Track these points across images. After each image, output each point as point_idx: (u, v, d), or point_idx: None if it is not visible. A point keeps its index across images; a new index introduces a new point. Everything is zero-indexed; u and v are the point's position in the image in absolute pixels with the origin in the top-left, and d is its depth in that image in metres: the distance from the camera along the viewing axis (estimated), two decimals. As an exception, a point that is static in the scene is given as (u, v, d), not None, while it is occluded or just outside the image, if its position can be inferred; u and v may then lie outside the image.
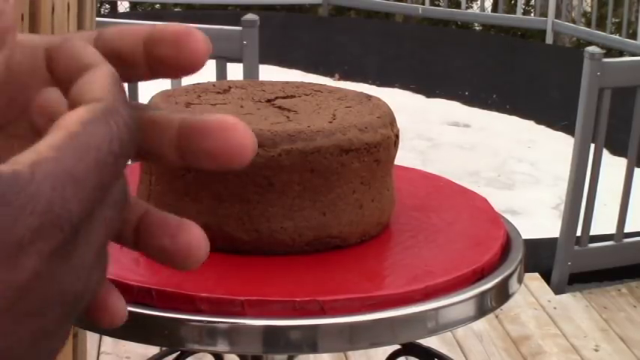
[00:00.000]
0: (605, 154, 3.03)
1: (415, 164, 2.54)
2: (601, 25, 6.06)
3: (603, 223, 3.11)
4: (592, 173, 2.93)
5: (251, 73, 2.57)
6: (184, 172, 0.96)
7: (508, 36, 6.79)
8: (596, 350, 2.59)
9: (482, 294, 0.94)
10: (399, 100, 5.48)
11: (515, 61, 6.00)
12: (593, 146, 2.91)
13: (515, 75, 5.96)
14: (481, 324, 2.65)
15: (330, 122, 0.97)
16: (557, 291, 2.95)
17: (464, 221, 1.08)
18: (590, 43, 3.98)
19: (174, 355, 1.39)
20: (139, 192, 1.03)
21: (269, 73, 5.02)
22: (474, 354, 2.54)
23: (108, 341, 2.45)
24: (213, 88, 1.10)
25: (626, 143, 3.01)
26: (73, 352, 1.81)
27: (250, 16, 2.61)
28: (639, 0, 6.06)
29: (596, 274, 3.06)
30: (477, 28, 7.13)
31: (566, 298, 2.93)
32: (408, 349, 1.32)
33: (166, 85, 2.28)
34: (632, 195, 3.04)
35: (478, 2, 6.90)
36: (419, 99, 6.10)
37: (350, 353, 2.47)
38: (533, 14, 6.83)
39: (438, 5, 6.88)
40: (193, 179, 0.95)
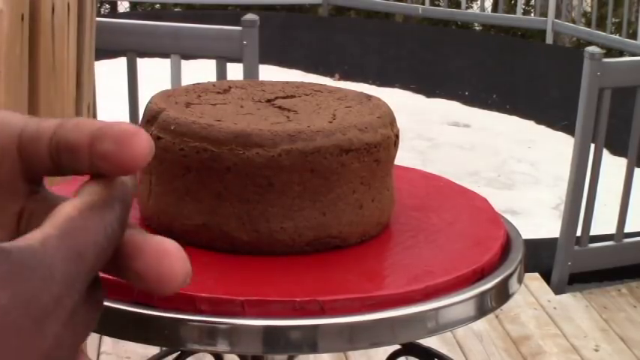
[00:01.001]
0: (605, 154, 3.03)
1: (415, 164, 2.54)
2: (601, 25, 6.06)
3: (603, 223, 3.11)
4: (592, 173, 2.93)
5: (251, 73, 2.57)
6: (184, 172, 0.96)
7: (508, 36, 6.79)
8: (596, 350, 2.59)
9: (482, 294, 0.94)
10: (399, 100, 5.48)
11: (515, 61, 6.00)
12: (593, 146, 2.91)
13: (515, 75, 5.96)
14: (481, 324, 2.65)
15: (330, 122, 0.97)
16: (557, 291, 2.95)
17: (464, 221, 1.08)
18: (590, 43, 3.98)
19: (174, 355, 1.39)
20: (139, 192, 1.03)
21: (269, 73, 5.02)
22: (473, 354, 2.54)
23: (108, 341, 2.45)
24: (213, 88, 1.10)
25: (626, 143, 3.01)
26: (73, 352, 1.81)
27: (250, 16, 2.62)
28: (639, 0, 6.06)
29: (596, 274, 3.06)
30: (477, 28, 7.14)
31: (566, 298, 2.93)
32: (408, 349, 1.32)
33: (166, 85, 2.28)
34: (632, 195, 3.04)
35: (478, 2, 6.91)
36: (419, 99, 6.10)
37: (350, 353, 2.47)
38: (533, 14, 6.83)
39: (438, 5, 6.88)
40: (193, 179, 0.95)
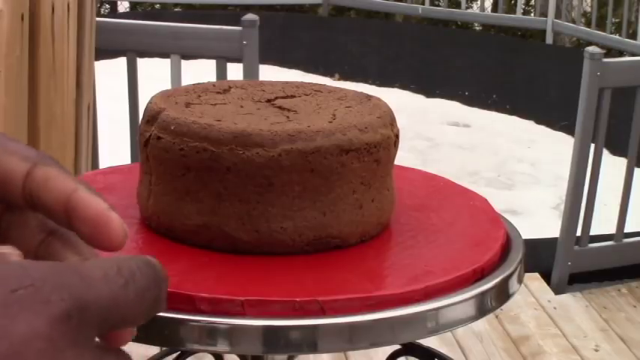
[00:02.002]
0: (605, 154, 3.03)
1: (415, 164, 2.54)
2: (601, 25, 6.06)
3: (603, 223, 3.11)
4: (592, 173, 2.93)
5: (251, 73, 2.57)
6: (184, 171, 0.96)
7: (508, 36, 6.79)
8: (596, 350, 2.59)
9: (482, 294, 0.94)
10: (399, 100, 5.48)
11: (515, 61, 6.00)
12: (593, 146, 2.91)
13: (515, 75, 5.96)
14: (481, 324, 2.65)
15: (330, 122, 0.97)
16: (557, 291, 2.95)
17: (464, 221, 1.08)
18: (590, 43, 3.98)
19: (174, 355, 1.39)
20: (139, 192, 1.03)
21: (269, 73, 5.02)
22: (473, 354, 2.54)
23: (108, 341, 2.45)
24: (213, 88, 1.10)
25: (626, 143, 3.01)
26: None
27: (250, 16, 2.62)
28: (639, 0, 6.06)
29: (596, 274, 3.06)
30: (477, 28, 7.14)
31: (566, 298, 2.93)
32: (408, 349, 1.32)
33: (166, 85, 2.28)
34: (632, 195, 3.04)
35: (478, 2, 6.90)
36: (419, 99, 6.10)
37: (350, 353, 2.47)
38: (533, 14, 6.83)
39: (438, 5, 6.88)
40: (193, 179, 0.95)
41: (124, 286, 0.34)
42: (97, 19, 2.33)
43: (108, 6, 7.45)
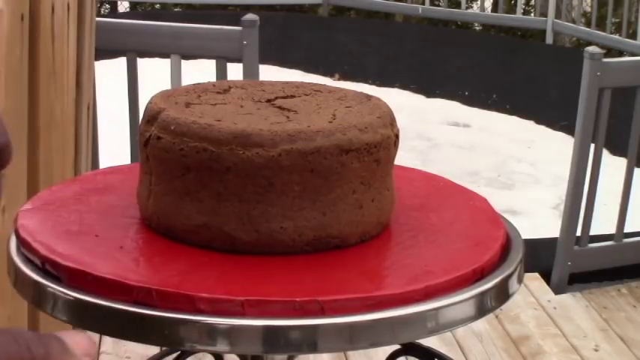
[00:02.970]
0: (605, 154, 3.03)
1: (415, 164, 2.54)
2: (601, 25, 6.06)
3: (603, 223, 3.11)
4: (592, 173, 2.93)
5: (251, 73, 2.57)
6: (184, 171, 0.96)
7: (508, 36, 6.79)
8: (596, 350, 2.59)
9: (482, 294, 0.94)
10: (399, 100, 5.48)
11: (515, 61, 6.00)
12: (593, 146, 2.91)
13: (515, 75, 5.96)
14: (481, 324, 2.65)
15: (330, 122, 0.97)
16: (557, 291, 2.95)
17: (464, 221, 1.08)
18: (590, 43, 3.98)
19: (174, 355, 1.39)
20: (139, 192, 1.03)
21: (269, 73, 5.02)
22: (473, 354, 2.54)
23: (108, 341, 2.45)
24: (213, 88, 1.10)
25: (626, 143, 3.01)
26: (73, 352, 1.80)
27: (250, 16, 2.62)
28: (639, 0, 6.06)
29: (596, 274, 3.06)
30: (477, 28, 7.14)
31: (566, 298, 2.93)
32: (408, 349, 1.32)
33: (166, 85, 2.28)
34: (632, 195, 3.04)
35: (478, 2, 6.90)
36: (419, 99, 6.10)
37: (350, 353, 2.47)
38: (533, 14, 6.83)
39: (438, 5, 6.88)
40: (193, 179, 0.95)
41: None
42: (97, 19, 2.33)
43: (108, 6, 7.45)
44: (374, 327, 0.88)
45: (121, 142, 2.63)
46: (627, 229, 3.07)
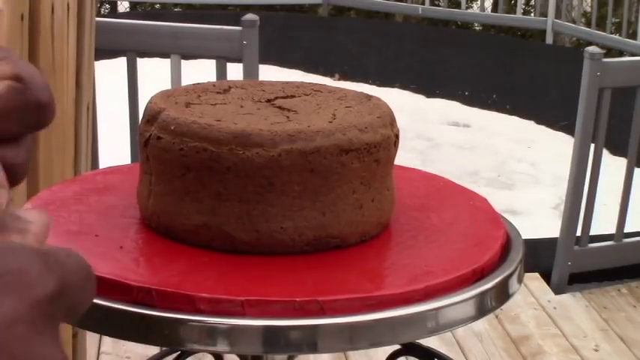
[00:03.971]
0: (605, 154, 3.03)
1: (415, 164, 2.54)
2: (601, 25, 6.06)
3: (603, 223, 3.11)
4: (592, 173, 2.93)
5: (251, 73, 2.57)
6: (184, 171, 0.96)
7: (508, 36, 6.79)
8: (596, 350, 2.59)
9: (482, 294, 0.94)
10: (399, 100, 5.48)
11: (515, 61, 6.00)
12: (593, 146, 2.91)
13: (515, 75, 5.96)
14: (481, 324, 2.65)
15: (330, 122, 0.97)
16: (557, 291, 2.95)
17: (464, 221, 1.08)
18: (590, 43, 3.98)
19: (174, 355, 1.39)
20: (139, 192, 1.03)
21: (269, 73, 5.02)
22: (473, 354, 2.54)
23: (108, 341, 2.45)
24: (213, 88, 1.10)
25: (626, 143, 3.01)
26: (72, 352, 1.81)
27: (250, 16, 2.61)
28: (639, 0, 6.06)
29: (596, 274, 3.06)
30: (477, 28, 7.14)
31: (566, 298, 2.93)
32: (408, 349, 1.32)
33: (166, 85, 2.28)
34: (632, 195, 3.04)
35: (478, 2, 6.90)
36: (419, 99, 6.10)
37: (350, 353, 2.47)
38: (533, 14, 6.83)
39: (438, 5, 6.88)
40: (193, 179, 0.95)
41: (85, 278, 0.36)
42: (97, 19, 2.33)
43: (108, 6, 7.45)
44: (374, 327, 0.88)
45: (121, 142, 2.63)
46: (627, 229, 3.07)
